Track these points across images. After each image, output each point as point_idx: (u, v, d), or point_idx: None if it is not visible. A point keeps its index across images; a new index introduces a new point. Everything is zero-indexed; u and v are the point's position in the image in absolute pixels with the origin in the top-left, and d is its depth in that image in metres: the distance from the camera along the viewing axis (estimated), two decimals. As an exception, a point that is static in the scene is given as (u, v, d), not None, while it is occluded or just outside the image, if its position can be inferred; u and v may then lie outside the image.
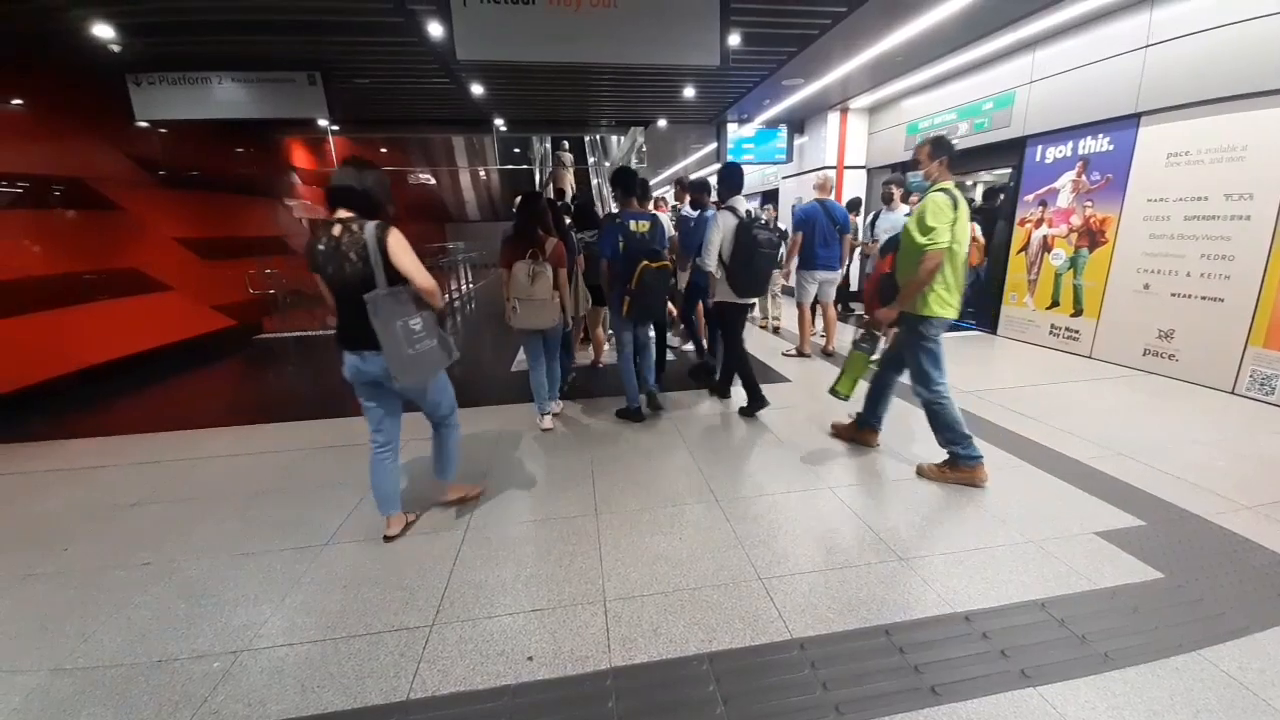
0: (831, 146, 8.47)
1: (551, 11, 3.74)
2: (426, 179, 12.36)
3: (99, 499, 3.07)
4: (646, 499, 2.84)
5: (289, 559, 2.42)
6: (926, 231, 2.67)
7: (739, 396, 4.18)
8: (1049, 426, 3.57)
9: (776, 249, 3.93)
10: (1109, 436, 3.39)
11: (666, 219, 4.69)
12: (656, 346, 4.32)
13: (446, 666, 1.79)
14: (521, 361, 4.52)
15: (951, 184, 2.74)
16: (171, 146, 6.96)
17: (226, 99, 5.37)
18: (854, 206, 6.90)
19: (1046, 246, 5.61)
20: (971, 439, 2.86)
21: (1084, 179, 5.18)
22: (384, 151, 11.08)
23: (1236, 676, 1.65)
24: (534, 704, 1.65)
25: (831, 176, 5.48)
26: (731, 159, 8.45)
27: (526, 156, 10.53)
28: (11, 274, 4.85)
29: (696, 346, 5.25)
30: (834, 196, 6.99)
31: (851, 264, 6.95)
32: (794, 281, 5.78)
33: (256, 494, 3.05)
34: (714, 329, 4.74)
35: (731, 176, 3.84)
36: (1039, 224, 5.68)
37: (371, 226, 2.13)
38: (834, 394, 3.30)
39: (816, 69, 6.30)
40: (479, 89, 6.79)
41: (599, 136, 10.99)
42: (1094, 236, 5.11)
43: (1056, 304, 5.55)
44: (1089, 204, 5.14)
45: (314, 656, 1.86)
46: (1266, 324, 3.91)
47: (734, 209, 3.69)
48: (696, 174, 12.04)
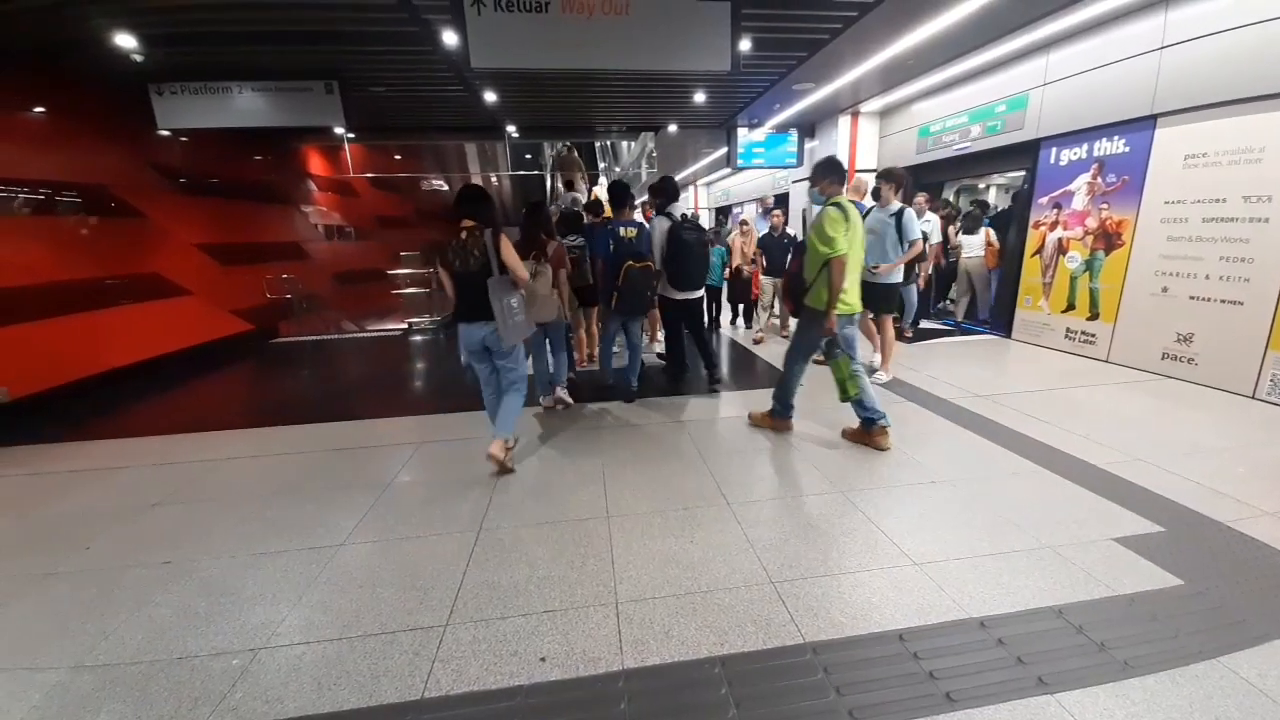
0: (843, 150, 8.44)
1: (564, 20, 3.78)
2: (440, 184, 12.50)
3: (120, 499, 3.13)
4: (658, 501, 2.84)
5: (306, 559, 2.45)
6: (827, 241, 3.09)
7: (751, 401, 4.18)
8: (1065, 431, 3.52)
9: (705, 247, 4.46)
10: (1127, 441, 3.34)
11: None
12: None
13: (460, 666, 1.81)
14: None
15: (843, 198, 3.19)
16: (192, 154, 7.12)
17: (246, 108, 5.49)
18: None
19: (1062, 249, 5.55)
20: (791, 408, 3.56)
21: (1100, 181, 5.13)
22: (398, 158, 11.22)
23: (1256, 684, 1.62)
24: (547, 704, 1.66)
25: (867, 179, 5.10)
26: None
27: (538, 162, 10.61)
28: (39, 279, 4.98)
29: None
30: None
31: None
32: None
33: (274, 495, 3.10)
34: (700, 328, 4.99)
35: (666, 187, 4.42)
36: (1053, 226, 5.62)
37: (488, 232, 2.98)
38: (845, 401, 3.40)
39: (827, 73, 6.29)
40: (492, 96, 6.87)
41: (609, 142, 11.04)
42: (1110, 239, 5.05)
43: (1072, 307, 5.48)
44: (1105, 206, 5.08)
45: (330, 655, 1.88)
46: (1289, 327, 3.84)
47: (670, 214, 4.25)
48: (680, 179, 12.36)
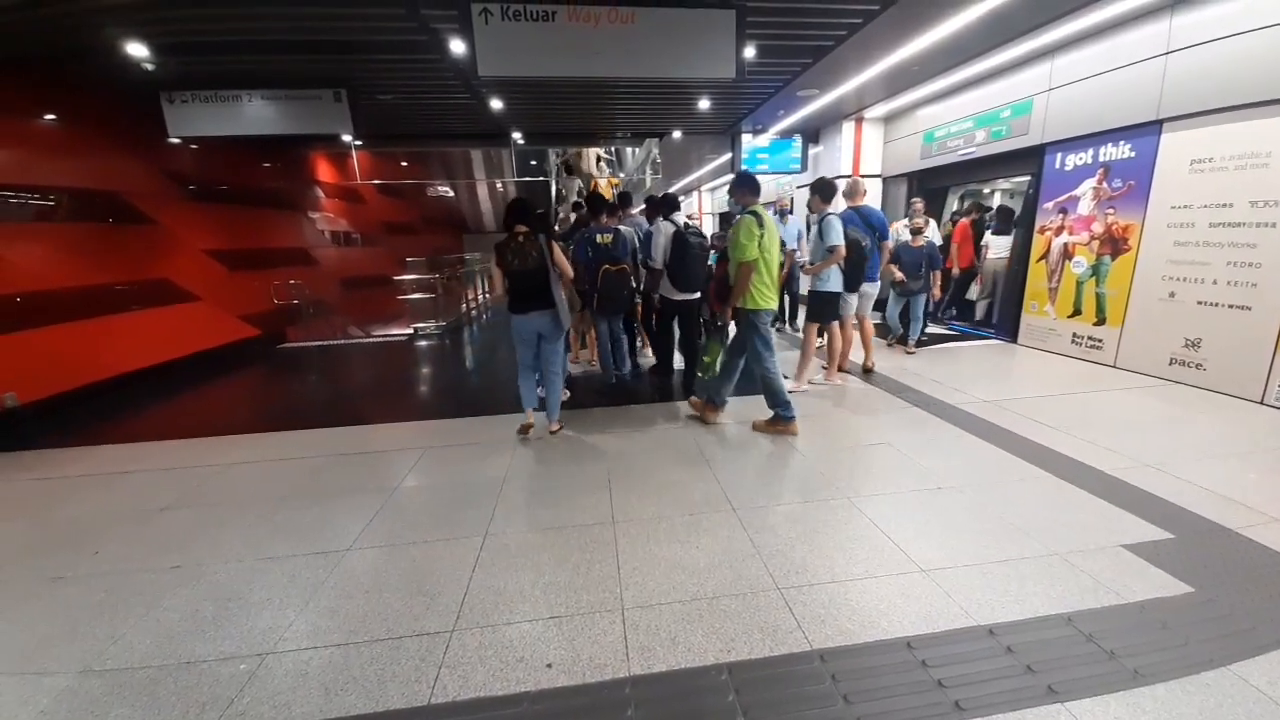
0: (847, 156, 8.46)
1: (571, 28, 3.82)
2: (445, 191, 12.59)
3: (129, 503, 3.16)
4: (663, 507, 2.84)
5: (313, 563, 2.46)
6: (739, 247, 3.45)
7: (750, 406, 4.18)
8: (1073, 437, 3.50)
9: (705, 251, 4.83)
10: (1135, 447, 3.31)
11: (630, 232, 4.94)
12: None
13: (467, 672, 1.81)
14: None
15: (759, 207, 3.55)
16: (202, 161, 7.21)
17: (256, 116, 5.55)
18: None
19: (1067, 254, 5.53)
20: (790, 404, 3.73)
21: (1105, 186, 5.12)
22: (405, 165, 11.32)
23: (1267, 692, 1.61)
24: (553, 711, 1.65)
25: (861, 181, 5.00)
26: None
27: (543, 169, 10.68)
28: (49, 285, 5.04)
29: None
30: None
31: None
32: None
33: (281, 499, 3.11)
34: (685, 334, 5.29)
35: (668, 199, 4.91)
36: (1059, 231, 5.61)
37: (541, 236, 3.56)
38: (699, 375, 3.91)
39: (831, 79, 6.32)
40: (498, 103, 6.93)
41: (614, 148, 11.10)
42: (1116, 244, 5.03)
43: (1079, 312, 5.46)
44: (1111, 211, 5.07)
45: (337, 660, 1.89)
46: (1299, 333, 3.81)
47: (674, 221, 4.66)
48: (671, 189, 12.32)
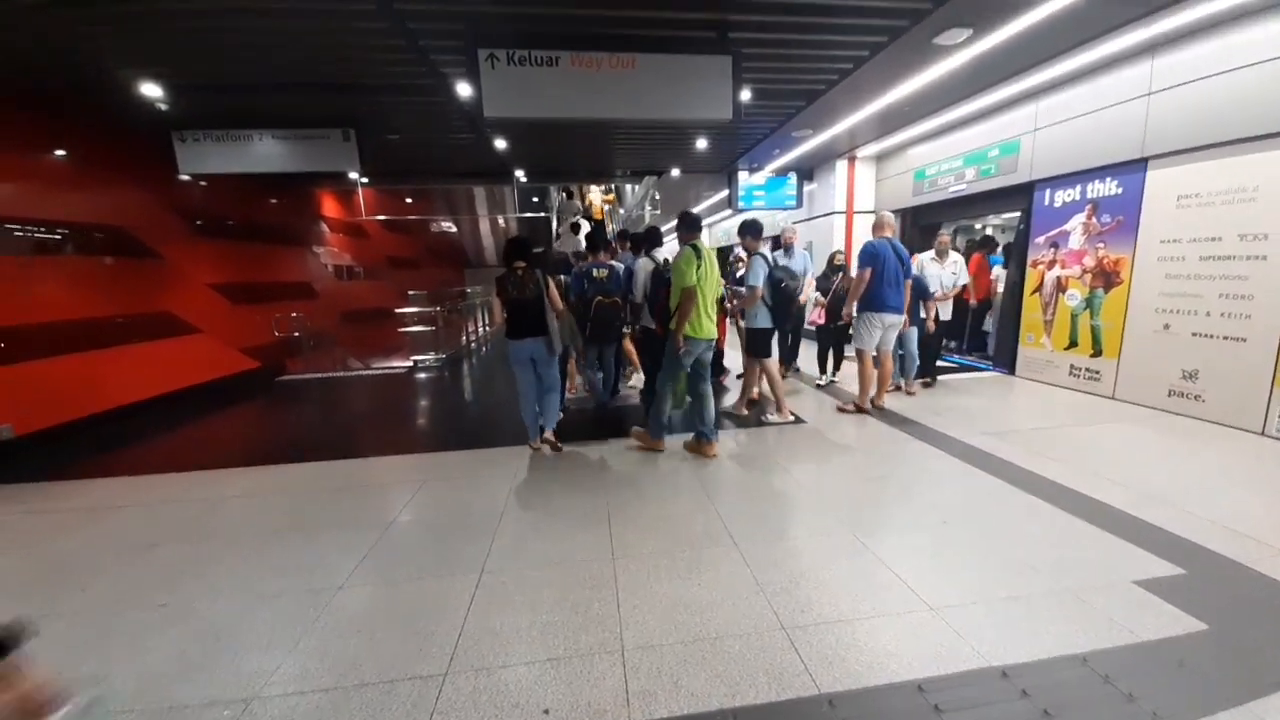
0: (840, 193, 8.68)
1: (574, 72, 3.97)
2: (448, 226, 12.84)
3: (120, 538, 3.09)
4: (664, 543, 2.78)
5: (304, 601, 2.39)
6: (680, 276, 3.74)
7: (732, 437, 4.15)
8: (1076, 469, 3.47)
9: None
10: (1140, 480, 3.28)
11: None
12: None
13: (461, 719, 1.74)
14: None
15: (697, 242, 3.84)
16: (209, 197, 7.37)
17: (265, 154, 5.70)
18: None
19: (1061, 287, 5.61)
20: (661, 428, 4.05)
21: (1094, 221, 5.23)
22: (409, 201, 11.57)
23: (1298, 739, 1.54)
24: (551, 760, 1.58)
25: (890, 216, 4.92)
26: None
27: (544, 205, 10.93)
28: (50, 317, 5.07)
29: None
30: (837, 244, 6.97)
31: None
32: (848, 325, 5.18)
33: (274, 534, 3.05)
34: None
35: (651, 235, 4.92)
36: (1051, 265, 5.71)
37: (538, 271, 3.90)
38: (677, 408, 4.12)
39: (824, 121, 6.54)
40: (502, 143, 7.14)
41: (614, 185, 11.40)
42: (1109, 277, 5.11)
43: (1075, 344, 5.50)
44: (1101, 245, 5.17)
45: (325, 706, 1.81)
46: (1295, 364, 3.83)
47: (653, 257, 4.73)
48: (670, 223, 12.65)
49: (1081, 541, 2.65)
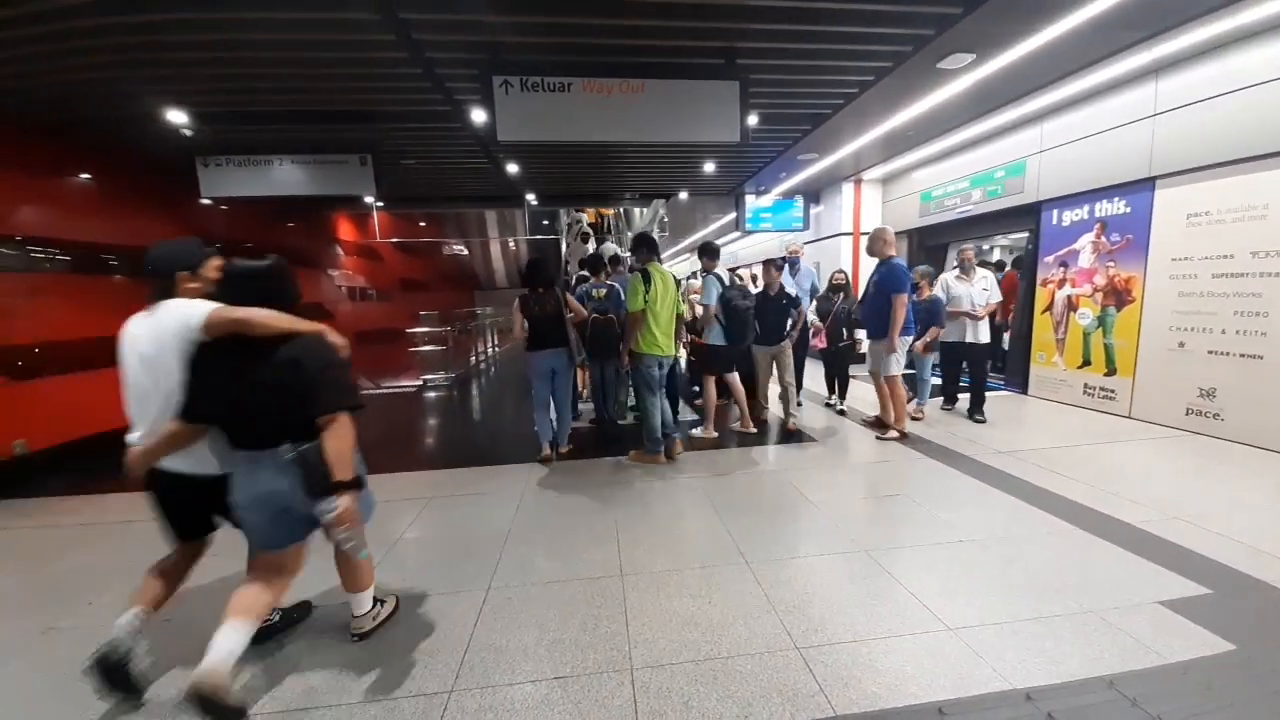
0: (847, 214, 8.76)
1: (584, 97, 4.08)
2: (460, 249, 13.06)
3: (129, 553, 3.07)
4: (673, 560, 2.74)
5: (309, 618, 2.37)
6: (631, 299, 4.03)
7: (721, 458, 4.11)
8: (1096, 489, 3.39)
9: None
10: (1161, 499, 3.20)
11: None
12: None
13: (466, 737, 1.70)
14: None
15: (651, 266, 4.11)
16: (228, 220, 7.56)
17: (285, 179, 5.87)
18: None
19: (1072, 306, 5.58)
20: (659, 441, 4.18)
21: (1104, 240, 5.23)
22: (422, 225, 11.80)
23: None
24: (558, 781, 1.54)
25: (881, 231, 4.71)
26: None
27: (554, 228, 11.11)
28: (70, 335, 5.17)
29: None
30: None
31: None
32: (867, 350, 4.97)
33: (281, 551, 3.03)
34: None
35: (645, 240, 4.67)
36: (1061, 284, 5.68)
37: (557, 289, 4.23)
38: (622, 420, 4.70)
39: (830, 144, 6.64)
40: (514, 167, 7.30)
41: (623, 209, 11.58)
42: (1120, 295, 5.08)
43: (1088, 363, 5.43)
44: (1111, 264, 5.15)
45: (329, 722, 1.78)
46: (1317, 383, 3.76)
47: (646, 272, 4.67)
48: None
49: (1104, 561, 2.58)
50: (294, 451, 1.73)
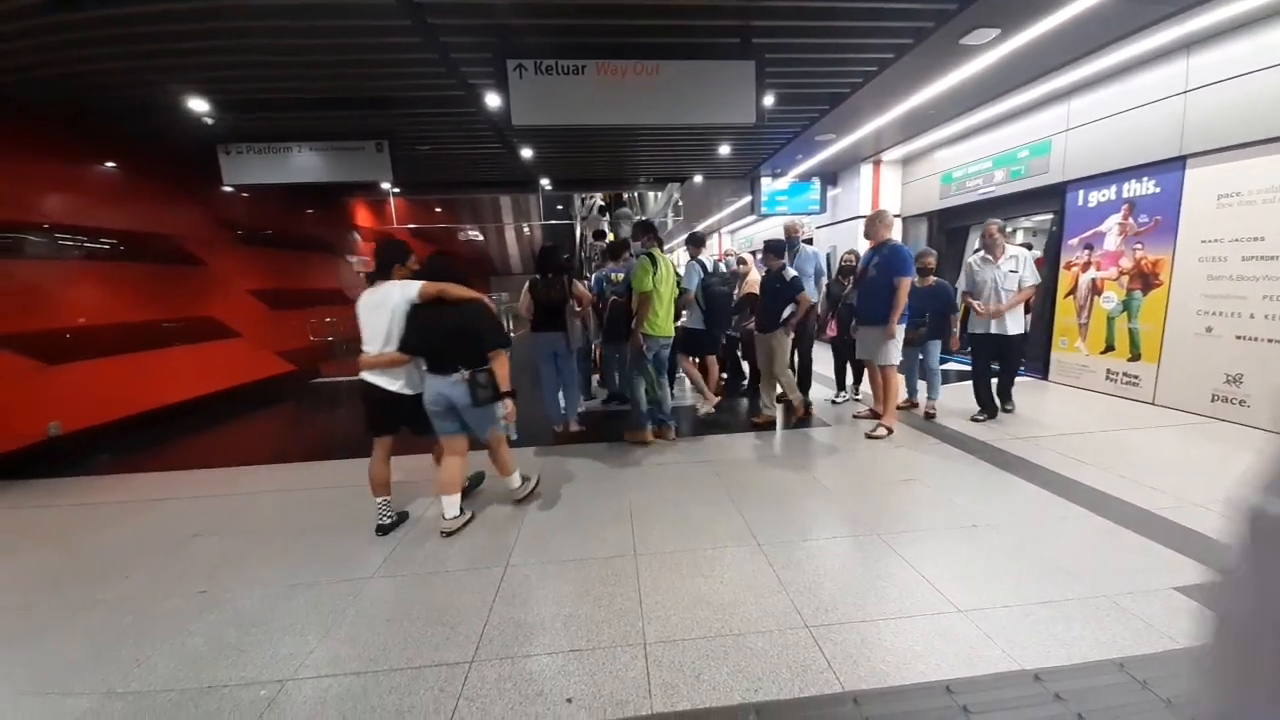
0: (865, 197, 8.59)
1: (599, 80, 4.05)
2: (475, 235, 13.11)
3: (161, 530, 3.23)
4: (686, 541, 2.79)
5: (335, 591, 2.47)
6: (637, 280, 4.09)
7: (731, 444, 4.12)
8: (1115, 475, 3.35)
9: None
10: (1182, 486, 3.15)
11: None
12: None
13: (485, 705, 1.77)
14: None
15: (654, 249, 4.19)
16: (250, 207, 7.68)
17: (304, 165, 5.94)
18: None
19: (1096, 290, 5.45)
20: (645, 419, 4.34)
21: (1131, 221, 5.08)
22: (438, 210, 11.87)
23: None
24: (574, 747, 1.60)
25: (879, 215, 4.45)
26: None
27: (568, 213, 11.08)
28: (102, 320, 5.35)
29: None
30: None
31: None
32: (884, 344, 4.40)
33: (308, 528, 3.15)
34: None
35: (648, 226, 4.71)
36: (1086, 267, 5.55)
37: (565, 276, 4.39)
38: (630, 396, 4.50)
39: (848, 124, 6.51)
40: (528, 152, 7.29)
41: (636, 193, 11.50)
42: (1147, 279, 4.95)
43: (1111, 348, 5.32)
44: (1139, 246, 5.01)
45: (355, 689, 1.87)
46: (1352, 368, 3.64)
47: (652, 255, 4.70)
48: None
49: (1119, 547, 2.56)
50: (464, 373, 2.83)
